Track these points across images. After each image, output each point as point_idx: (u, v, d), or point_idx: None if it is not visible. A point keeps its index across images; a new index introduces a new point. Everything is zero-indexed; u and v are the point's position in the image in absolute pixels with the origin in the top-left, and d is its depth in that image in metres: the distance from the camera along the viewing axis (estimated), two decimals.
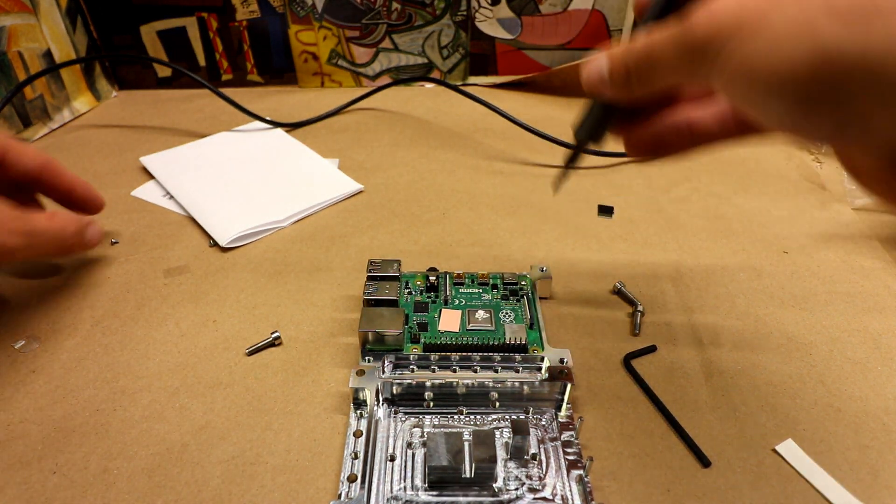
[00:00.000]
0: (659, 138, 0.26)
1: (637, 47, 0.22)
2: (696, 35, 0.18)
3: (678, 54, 0.20)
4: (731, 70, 0.18)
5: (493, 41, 0.73)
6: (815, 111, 0.16)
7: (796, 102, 0.16)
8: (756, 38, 0.16)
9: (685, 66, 0.20)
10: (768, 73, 0.16)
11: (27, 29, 0.59)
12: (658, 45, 0.20)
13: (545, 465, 0.28)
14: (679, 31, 0.19)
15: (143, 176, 0.54)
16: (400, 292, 0.36)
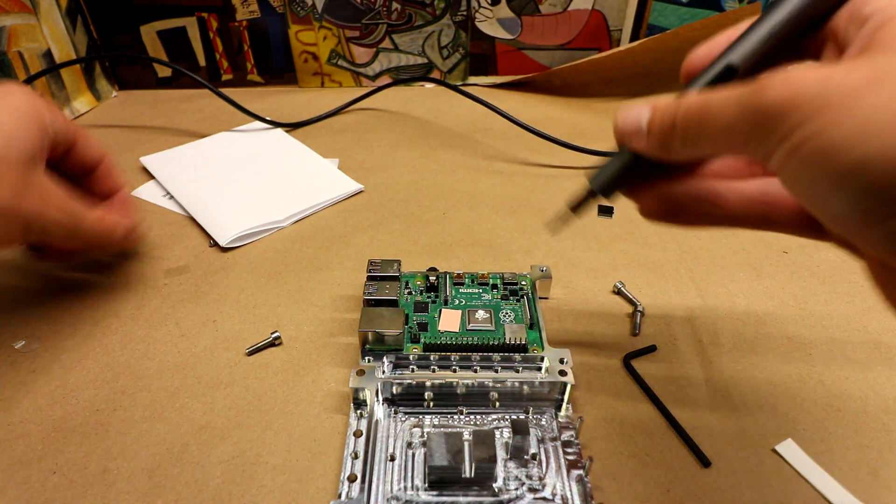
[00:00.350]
0: (678, 205, 0.23)
1: (690, 102, 0.19)
2: (769, 101, 0.16)
3: (741, 119, 0.17)
4: (804, 152, 0.15)
5: (493, 41, 0.73)
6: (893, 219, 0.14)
7: (874, 205, 0.14)
8: (843, 121, 0.14)
9: (745, 134, 0.17)
10: (849, 164, 0.14)
11: (27, 29, 0.59)
12: (718, 105, 0.18)
13: (545, 465, 0.28)
14: (748, 92, 0.16)
15: (143, 176, 0.54)
16: (400, 292, 0.36)
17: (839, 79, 0.15)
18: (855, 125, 0.14)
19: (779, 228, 0.23)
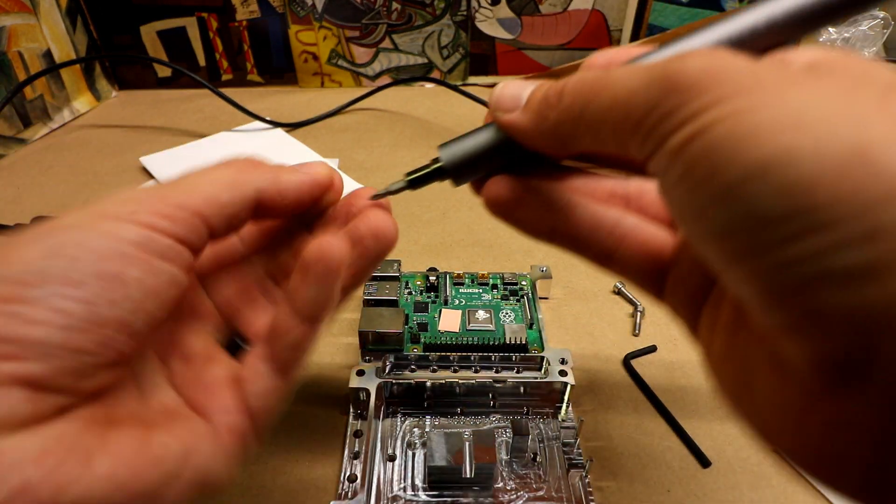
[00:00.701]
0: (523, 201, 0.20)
1: (590, 73, 0.15)
2: (685, 70, 0.13)
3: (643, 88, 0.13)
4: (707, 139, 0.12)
5: (493, 41, 0.73)
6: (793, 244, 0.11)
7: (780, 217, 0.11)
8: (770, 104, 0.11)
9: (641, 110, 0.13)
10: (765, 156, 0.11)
11: (27, 29, 0.59)
12: (620, 73, 0.14)
13: (545, 465, 0.28)
14: (662, 61, 0.13)
15: (143, 176, 0.54)
16: (400, 292, 0.36)
17: (775, 64, 0.12)
18: (786, 113, 0.11)
19: (619, 271, 0.20)
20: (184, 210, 0.17)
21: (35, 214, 0.45)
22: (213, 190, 0.18)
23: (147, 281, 0.15)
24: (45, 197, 0.50)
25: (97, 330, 0.14)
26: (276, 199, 0.19)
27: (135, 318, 0.15)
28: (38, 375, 0.14)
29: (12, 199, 0.50)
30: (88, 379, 0.15)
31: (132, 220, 0.16)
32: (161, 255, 0.16)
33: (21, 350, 0.13)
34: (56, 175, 0.54)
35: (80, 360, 0.14)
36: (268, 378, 0.18)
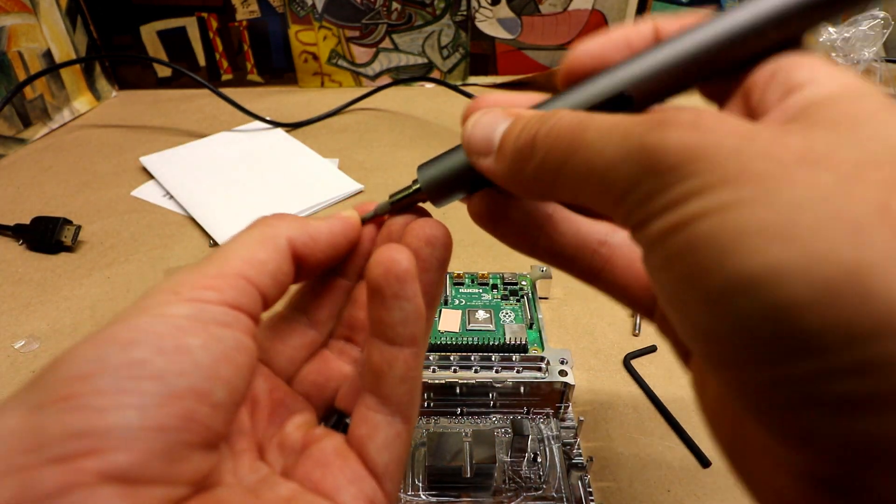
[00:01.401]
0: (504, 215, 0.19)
1: (562, 119, 0.14)
2: (667, 147, 0.11)
3: (623, 159, 0.12)
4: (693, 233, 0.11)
5: (493, 41, 0.73)
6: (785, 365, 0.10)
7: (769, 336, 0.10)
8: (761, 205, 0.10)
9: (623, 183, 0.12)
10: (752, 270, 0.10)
11: (27, 29, 0.59)
12: (597, 132, 0.13)
13: (545, 465, 0.28)
14: (642, 126, 0.12)
15: (143, 176, 0.54)
16: None
17: (764, 143, 0.11)
18: (775, 216, 0.10)
19: (606, 290, 0.19)
20: (225, 277, 0.16)
21: (35, 214, 0.45)
22: (248, 251, 0.17)
23: (212, 347, 0.14)
24: (45, 197, 0.50)
25: (175, 402, 0.13)
26: (310, 245, 0.18)
27: (211, 385, 0.14)
28: (125, 466, 0.12)
29: (12, 199, 0.50)
30: (182, 462, 0.13)
31: (177, 299, 0.15)
32: (217, 322, 0.15)
33: (100, 442, 0.12)
34: (56, 175, 0.54)
35: (167, 440, 0.13)
36: (386, 426, 0.17)
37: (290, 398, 0.19)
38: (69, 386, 0.12)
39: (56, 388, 0.12)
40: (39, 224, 0.44)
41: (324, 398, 0.19)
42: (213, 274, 0.16)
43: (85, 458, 0.11)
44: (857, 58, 0.51)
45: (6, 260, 0.43)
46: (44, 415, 0.12)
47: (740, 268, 0.10)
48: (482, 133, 0.16)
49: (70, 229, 0.43)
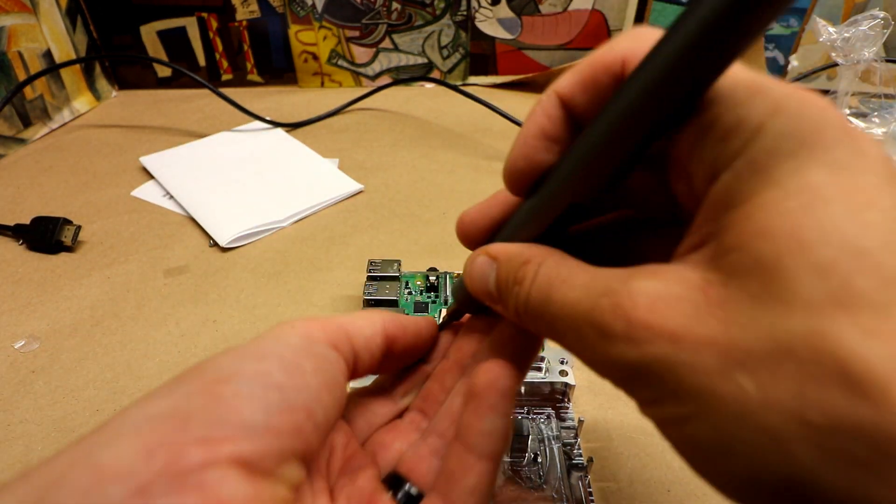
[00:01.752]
0: None
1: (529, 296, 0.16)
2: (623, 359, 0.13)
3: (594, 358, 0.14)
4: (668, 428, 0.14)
5: (493, 41, 0.73)
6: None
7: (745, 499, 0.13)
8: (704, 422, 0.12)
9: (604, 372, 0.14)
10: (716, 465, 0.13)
11: (27, 29, 0.59)
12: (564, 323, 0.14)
13: (545, 465, 0.28)
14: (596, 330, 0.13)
15: (143, 176, 0.54)
16: (400, 292, 0.36)
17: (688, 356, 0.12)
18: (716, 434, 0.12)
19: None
20: (330, 324, 0.18)
21: (35, 214, 0.45)
22: (350, 318, 0.19)
23: (320, 371, 0.16)
24: (44, 197, 0.50)
25: (290, 414, 0.15)
26: (399, 330, 0.20)
27: (316, 406, 0.16)
28: (248, 456, 0.14)
29: (12, 199, 0.50)
30: (287, 466, 0.15)
31: (293, 332, 0.17)
32: (323, 354, 0.17)
33: (235, 432, 0.14)
34: (56, 175, 0.54)
35: (280, 444, 0.15)
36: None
37: (361, 455, 0.20)
38: (213, 385, 0.15)
39: (203, 384, 0.15)
40: (39, 224, 0.44)
41: (388, 461, 0.20)
42: (321, 320, 0.18)
43: (222, 444, 0.13)
44: (857, 58, 0.51)
45: (6, 260, 0.43)
46: (191, 404, 0.14)
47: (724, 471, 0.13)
48: (480, 286, 0.18)
49: (70, 229, 0.43)
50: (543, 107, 0.17)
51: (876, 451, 0.10)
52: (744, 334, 0.11)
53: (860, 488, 0.10)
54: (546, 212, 0.17)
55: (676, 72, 0.12)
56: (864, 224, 0.11)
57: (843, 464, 0.10)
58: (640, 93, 0.13)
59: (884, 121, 0.53)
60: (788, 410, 0.11)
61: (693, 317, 0.12)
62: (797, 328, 0.11)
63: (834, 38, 0.51)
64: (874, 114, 0.54)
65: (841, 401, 0.10)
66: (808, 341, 0.11)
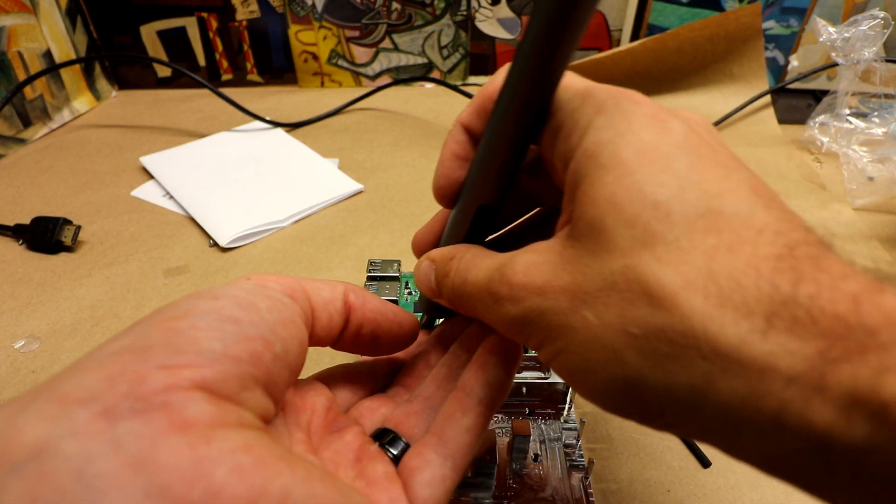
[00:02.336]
0: None
1: (453, 282, 0.20)
2: (510, 315, 0.17)
3: (495, 320, 0.18)
4: (552, 362, 0.17)
5: (493, 41, 0.73)
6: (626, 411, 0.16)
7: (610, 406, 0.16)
8: (569, 350, 0.16)
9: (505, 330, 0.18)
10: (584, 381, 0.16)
11: (27, 29, 0.59)
12: (474, 297, 0.18)
13: (546, 466, 0.28)
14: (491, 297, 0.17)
15: (143, 176, 0.54)
16: (400, 292, 0.36)
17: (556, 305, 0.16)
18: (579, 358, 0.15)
19: None
20: (290, 280, 0.19)
21: (35, 214, 0.45)
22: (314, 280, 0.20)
23: (275, 310, 0.17)
24: (44, 197, 0.50)
25: (247, 342, 0.16)
26: (358, 304, 0.21)
27: (274, 338, 0.17)
28: (209, 380, 0.14)
29: (12, 199, 0.50)
30: (249, 392, 0.15)
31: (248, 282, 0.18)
32: (278, 298, 0.18)
33: (194, 359, 0.14)
34: (56, 175, 0.54)
35: (240, 369, 0.15)
36: (437, 466, 0.18)
37: (345, 419, 0.21)
38: (170, 321, 0.15)
39: (160, 322, 0.15)
40: (39, 224, 0.44)
41: (374, 422, 0.21)
42: (278, 276, 0.19)
43: (182, 369, 0.14)
44: (857, 58, 0.51)
45: (6, 260, 0.43)
46: (151, 336, 0.15)
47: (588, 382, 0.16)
48: (425, 285, 0.22)
49: (70, 229, 0.43)
50: (453, 134, 0.21)
51: (674, 345, 0.13)
52: (584, 280, 0.15)
53: (669, 376, 0.14)
54: (463, 216, 0.21)
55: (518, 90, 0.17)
56: (659, 184, 0.15)
57: (656, 359, 0.14)
58: (499, 111, 0.18)
59: (884, 121, 0.53)
60: (617, 328, 0.14)
61: (553, 273, 0.16)
62: (616, 268, 0.15)
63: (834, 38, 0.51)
64: (874, 114, 0.54)
65: (647, 313, 0.14)
66: (623, 276, 0.14)
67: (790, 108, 0.67)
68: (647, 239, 0.14)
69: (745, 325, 0.13)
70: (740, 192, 0.15)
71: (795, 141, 0.60)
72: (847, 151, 0.53)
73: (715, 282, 0.13)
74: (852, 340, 0.12)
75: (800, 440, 0.12)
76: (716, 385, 0.13)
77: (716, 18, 0.62)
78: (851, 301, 0.12)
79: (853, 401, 0.11)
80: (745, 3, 0.65)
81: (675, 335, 0.13)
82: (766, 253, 0.13)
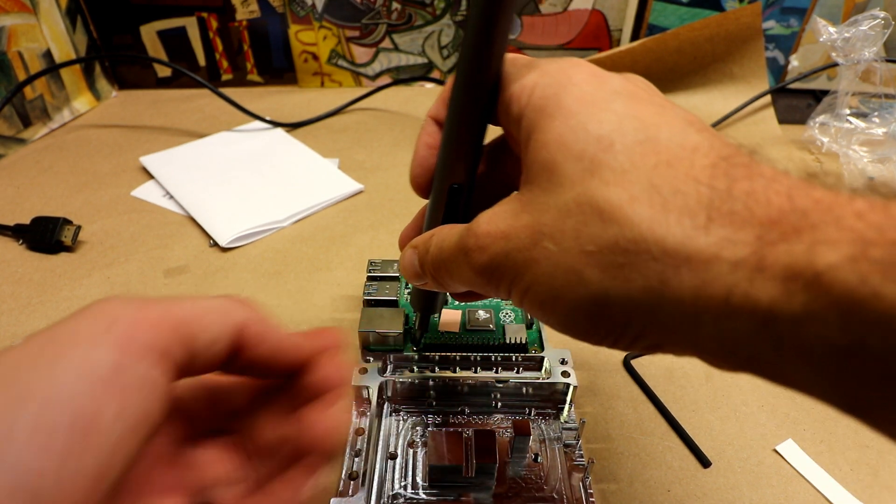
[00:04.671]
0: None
1: (431, 254, 0.21)
2: (479, 263, 0.18)
3: (469, 275, 0.19)
4: (524, 300, 0.18)
5: None
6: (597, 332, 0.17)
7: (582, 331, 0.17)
8: (536, 282, 0.17)
9: (481, 284, 0.19)
10: (554, 309, 0.17)
11: (27, 29, 0.59)
12: (449, 259, 0.20)
13: (546, 466, 0.28)
14: (462, 252, 0.19)
15: (143, 176, 0.54)
16: (400, 292, 0.36)
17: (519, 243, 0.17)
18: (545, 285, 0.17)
19: None
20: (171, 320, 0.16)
21: (35, 214, 0.45)
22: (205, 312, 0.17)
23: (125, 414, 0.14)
24: (45, 197, 0.50)
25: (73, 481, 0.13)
26: (254, 340, 0.19)
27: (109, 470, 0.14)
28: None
29: (12, 199, 0.50)
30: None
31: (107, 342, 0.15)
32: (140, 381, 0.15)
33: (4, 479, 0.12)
34: (56, 175, 0.54)
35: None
36: None
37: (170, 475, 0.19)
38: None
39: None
40: (39, 224, 0.44)
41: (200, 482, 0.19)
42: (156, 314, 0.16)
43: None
44: (857, 58, 0.51)
45: (6, 260, 0.43)
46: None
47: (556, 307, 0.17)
48: (410, 271, 0.23)
49: (70, 229, 0.43)
50: (424, 126, 0.23)
51: (627, 253, 0.15)
52: (541, 215, 0.17)
53: (628, 283, 0.15)
54: (438, 197, 0.22)
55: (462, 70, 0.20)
56: (600, 121, 0.16)
57: (613, 271, 0.15)
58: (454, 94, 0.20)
59: (884, 121, 0.53)
60: (575, 251, 0.16)
61: (514, 217, 0.17)
62: (569, 197, 0.16)
63: (834, 38, 0.51)
64: (874, 114, 0.54)
65: (600, 229, 0.15)
66: (575, 202, 0.16)
67: (790, 108, 0.67)
68: (594, 168, 0.16)
69: (689, 223, 0.14)
70: (674, 122, 0.16)
71: (795, 141, 0.60)
72: (847, 151, 0.52)
73: (658, 192, 0.15)
74: (787, 224, 0.13)
75: (748, 319, 0.13)
76: (669, 283, 0.14)
77: (716, 18, 0.62)
78: (785, 194, 0.14)
79: (791, 274, 0.13)
80: (745, 3, 0.65)
81: (627, 244, 0.15)
82: (702, 163, 0.15)
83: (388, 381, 0.30)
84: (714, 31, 0.63)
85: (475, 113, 0.20)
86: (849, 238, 0.12)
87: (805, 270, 0.12)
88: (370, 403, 0.30)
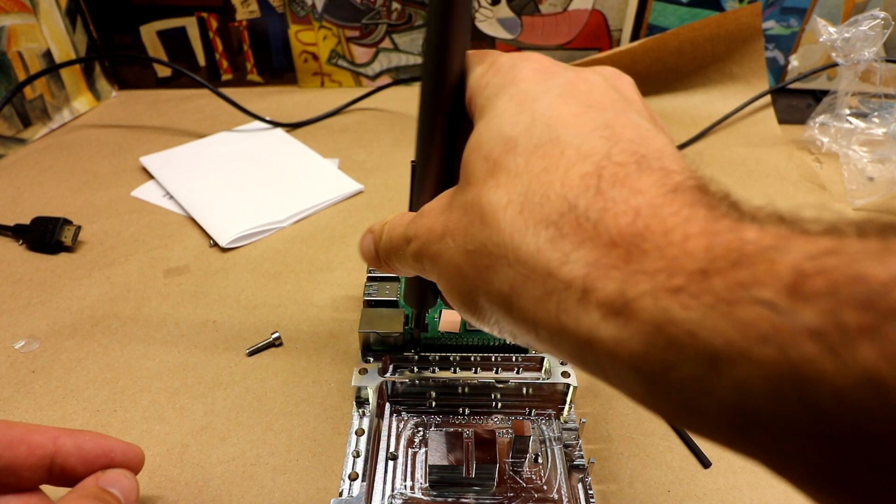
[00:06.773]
0: None
1: (383, 240, 0.23)
2: (411, 252, 0.20)
3: (409, 261, 0.20)
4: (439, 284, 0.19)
5: (493, 41, 0.73)
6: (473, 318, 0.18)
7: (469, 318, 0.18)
8: (440, 274, 0.18)
9: (419, 271, 0.21)
10: (449, 297, 0.18)
11: (27, 29, 0.59)
12: (397, 246, 0.21)
13: (546, 466, 0.28)
14: (405, 241, 0.20)
15: (143, 176, 0.54)
16: (400, 293, 0.36)
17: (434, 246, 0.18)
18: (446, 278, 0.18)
19: None
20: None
21: (35, 214, 0.45)
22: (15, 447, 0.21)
23: None
24: (45, 197, 0.50)
25: None
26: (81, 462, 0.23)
27: None
28: None
29: (12, 199, 0.50)
30: None
31: None
32: None
33: None
34: (56, 175, 0.54)
35: None
36: None
37: None
38: None
39: None
40: (39, 224, 0.44)
41: None
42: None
43: None
44: (857, 58, 0.51)
45: (6, 260, 0.43)
46: None
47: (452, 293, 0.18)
48: (368, 254, 0.24)
49: (70, 229, 0.43)
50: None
51: (491, 256, 0.16)
52: (451, 212, 0.18)
53: (488, 284, 0.16)
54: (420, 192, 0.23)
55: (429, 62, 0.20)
56: (514, 123, 0.17)
57: (480, 270, 0.16)
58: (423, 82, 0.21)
59: (884, 121, 0.53)
60: (462, 249, 0.17)
61: (440, 212, 0.18)
62: (469, 197, 0.17)
63: (834, 38, 0.51)
64: (874, 114, 0.54)
65: (478, 231, 0.16)
66: (471, 203, 0.17)
67: (790, 108, 0.67)
68: (495, 169, 0.16)
69: (543, 234, 0.14)
70: (586, 125, 0.16)
71: (795, 141, 0.60)
72: (847, 151, 0.52)
73: (529, 199, 0.15)
74: (623, 249, 0.13)
75: (573, 340, 0.14)
76: (518, 291, 0.15)
77: (716, 18, 0.62)
78: (633, 214, 0.13)
79: (608, 303, 0.13)
80: (745, 3, 0.65)
81: (493, 247, 0.16)
82: (579, 172, 0.15)
83: (388, 381, 0.30)
84: (714, 31, 0.63)
85: (441, 112, 0.21)
86: (660, 267, 0.12)
87: (616, 299, 0.13)
88: (370, 404, 0.30)
